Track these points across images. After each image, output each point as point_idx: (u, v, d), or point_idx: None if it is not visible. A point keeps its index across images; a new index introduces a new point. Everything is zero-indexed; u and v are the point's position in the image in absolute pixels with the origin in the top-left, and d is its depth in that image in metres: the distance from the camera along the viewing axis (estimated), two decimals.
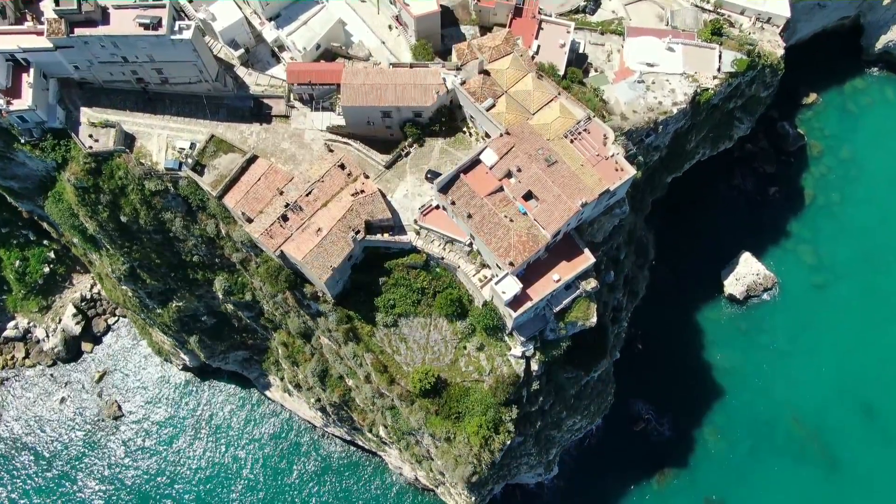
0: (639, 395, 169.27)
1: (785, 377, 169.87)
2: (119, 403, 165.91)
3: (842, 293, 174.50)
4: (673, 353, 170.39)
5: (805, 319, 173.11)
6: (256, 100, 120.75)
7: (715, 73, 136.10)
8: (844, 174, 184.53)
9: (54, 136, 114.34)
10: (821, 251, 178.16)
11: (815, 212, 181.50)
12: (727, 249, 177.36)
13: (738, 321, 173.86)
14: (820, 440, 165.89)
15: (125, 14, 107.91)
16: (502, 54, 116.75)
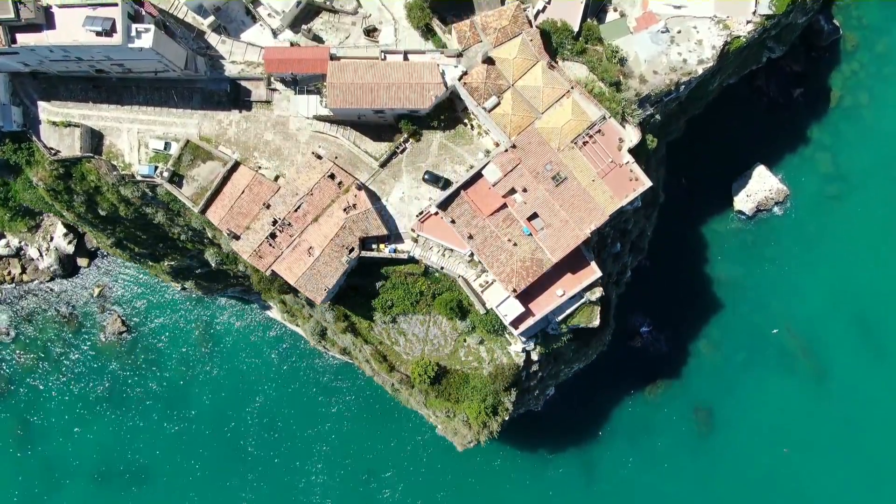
0: (639, 310, 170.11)
1: (785, 290, 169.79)
2: (122, 318, 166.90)
3: (854, 205, 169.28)
4: (677, 268, 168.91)
5: (813, 232, 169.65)
6: (233, 82, 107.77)
7: (750, 16, 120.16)
8: (877, 71, 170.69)
9: (13, 140, 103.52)
10: (839, 159, 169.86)
11: (839, 115, 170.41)
12: (742, 158, 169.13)
13: (745, 234, 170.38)
14: (812, 353, 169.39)
15: (72, 15, 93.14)
16: (509, 37, 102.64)
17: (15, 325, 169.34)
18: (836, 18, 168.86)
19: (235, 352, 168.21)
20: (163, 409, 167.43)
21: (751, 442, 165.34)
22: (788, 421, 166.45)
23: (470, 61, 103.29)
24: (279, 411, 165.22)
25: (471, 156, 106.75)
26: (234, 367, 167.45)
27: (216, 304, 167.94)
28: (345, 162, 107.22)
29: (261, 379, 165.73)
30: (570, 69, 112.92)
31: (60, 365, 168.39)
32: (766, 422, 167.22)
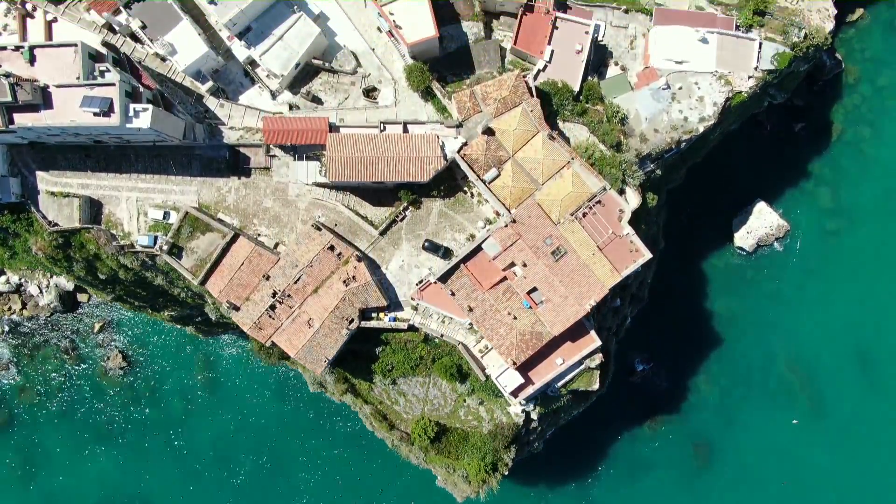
0: (638, 346, 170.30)
1: (785, 326, 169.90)
2: (122, 352, 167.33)
3: (854, 240, 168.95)
4: (677, 303, 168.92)
5: (813, 267, 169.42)
6: (232, 148, 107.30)
7: (751, 71, 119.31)
8: (880, 105, 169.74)
9: (12, 211, 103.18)
10: (840, 194, 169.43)
11: (840, 149, 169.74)
12: (742, 193, 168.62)
13: (744, 269, 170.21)
14: (811, 388, 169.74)
15: (70, 94, 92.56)
16: (510, 107, 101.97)
17: (16, 359, 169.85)
18: (839, 52, 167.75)
19: (236, 386, 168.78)
20: (163, 442, 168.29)
21: (749, 477, 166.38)
22: (787, 456, 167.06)
23: (470, 132, 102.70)
24: (279, 447, 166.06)
25: (471, 224, 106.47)
26: (235, 401, 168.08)
27: (217, 338, 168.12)
28: (344, 229, 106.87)
29: (261, 414, 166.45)
30: (570, 131, 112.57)
31: (61, 399, 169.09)
32: (765, 457, 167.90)
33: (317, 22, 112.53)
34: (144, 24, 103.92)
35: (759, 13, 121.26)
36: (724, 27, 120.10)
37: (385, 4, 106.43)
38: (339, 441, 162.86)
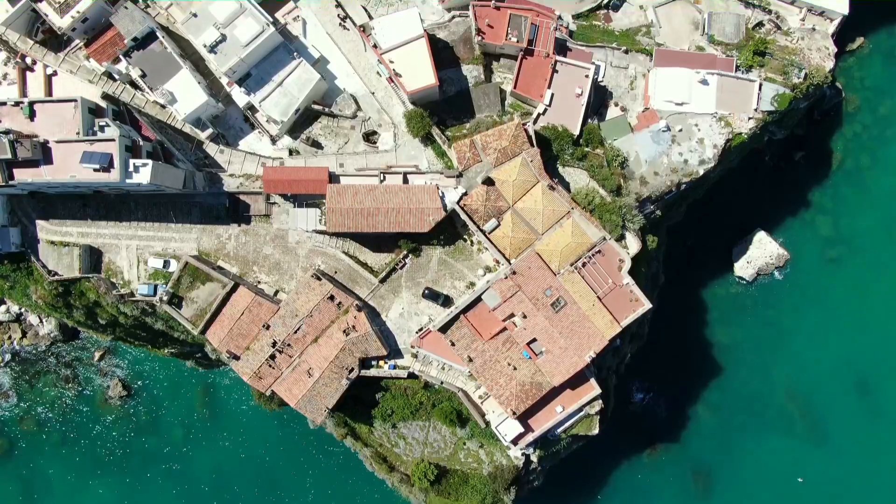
0: (637, 375, 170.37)
1: (785, 354, 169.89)
2: (122, 381, 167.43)
3: (854, 268, 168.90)
4: (676, 331, 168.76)
5: (813, 296, 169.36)
6: (232, 196, 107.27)
7: (752, 113, 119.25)
8: (880, 134, 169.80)
9: (12, 260, 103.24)
10: (840, 222, 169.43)
11: (840, 178, 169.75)
12: (742, 222, 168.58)
13: (745, 298, 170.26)
14: (811, 416, 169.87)
15: (69, 149, 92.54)
16: (510, 157, 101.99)
17: (16, 387, 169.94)
18: (839, 81, 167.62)
19: (236, 415, 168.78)
20: (164, 471, 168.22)
21: None
22: (787, 484, 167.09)
23: (470, 182, 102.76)
24: (278, 477, 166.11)
25: (470, 272, 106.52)
26: (235, 430, 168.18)
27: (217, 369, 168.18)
28: (344, 277, 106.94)
29: (261, 443, 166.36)
30: (570, 175, 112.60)
31: (62, 427, 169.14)
32: (765, 485, 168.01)
33: (316, 65, 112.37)
34: (144, 72, 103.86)
35: (760, 53, 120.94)
36: (724, 68, 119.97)
37: (385, 52, 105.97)
38: (339, 473, 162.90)
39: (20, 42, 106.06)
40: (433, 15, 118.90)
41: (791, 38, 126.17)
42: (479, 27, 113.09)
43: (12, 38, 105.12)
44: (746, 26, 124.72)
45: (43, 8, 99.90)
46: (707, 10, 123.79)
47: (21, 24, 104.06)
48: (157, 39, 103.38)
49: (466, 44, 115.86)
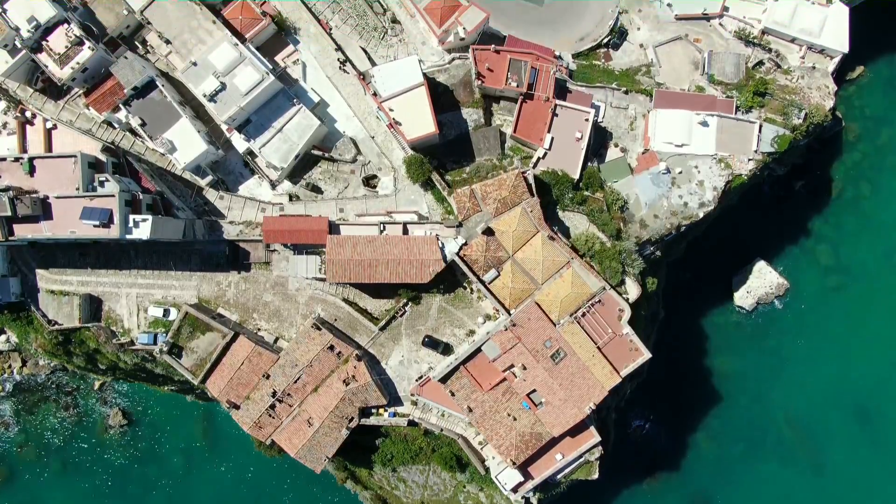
0: (637, 402, 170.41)
1: (785, 382, 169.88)
2: (123, 410, 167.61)
3: (855, 297, 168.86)
4: (677, 360, 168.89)
5: (813, 325, 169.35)
6: (232, 243, 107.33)
7: (752, 154, 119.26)
8: (880, 163, 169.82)
9: (11, 310, 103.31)
10: (840, 251, 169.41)
11: (840, 207, 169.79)
12: (742, 251, 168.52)
13: (744, 327, 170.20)
14: (811, 444, 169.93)
15: (69, 205, 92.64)
16: (509, 207, 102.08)
17: (17, 416, 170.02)
18: (839, 109, 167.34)
19: (236, 443, 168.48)
20: (164, 500, 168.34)
21: None
22: None
23: (470, 232, 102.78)
24: None
25: (470, 319, 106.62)
26: (235, 458, 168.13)
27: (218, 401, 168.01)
28: (344, 324, 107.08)
29: (262, 475, 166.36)
30: (570, 220, 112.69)
31: (62, 456, 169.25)
32: None
33: (316, 109, 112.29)
34: (144, 121, 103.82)
35: (760, 94, 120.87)
36: (723, 110, 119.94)
37: (385, 101, 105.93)
38: None
39: (19, 90, 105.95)
40: (433, 56, 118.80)
41: (791, 77, 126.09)
42: (478, 71, 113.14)
43: (12, 86, 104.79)
44: (746, 65, 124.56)
45: (42, 59, 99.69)
46: (707, 49, 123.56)
47: (21, 74, 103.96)
48: (156, 88, 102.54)
49: (466, 87, 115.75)
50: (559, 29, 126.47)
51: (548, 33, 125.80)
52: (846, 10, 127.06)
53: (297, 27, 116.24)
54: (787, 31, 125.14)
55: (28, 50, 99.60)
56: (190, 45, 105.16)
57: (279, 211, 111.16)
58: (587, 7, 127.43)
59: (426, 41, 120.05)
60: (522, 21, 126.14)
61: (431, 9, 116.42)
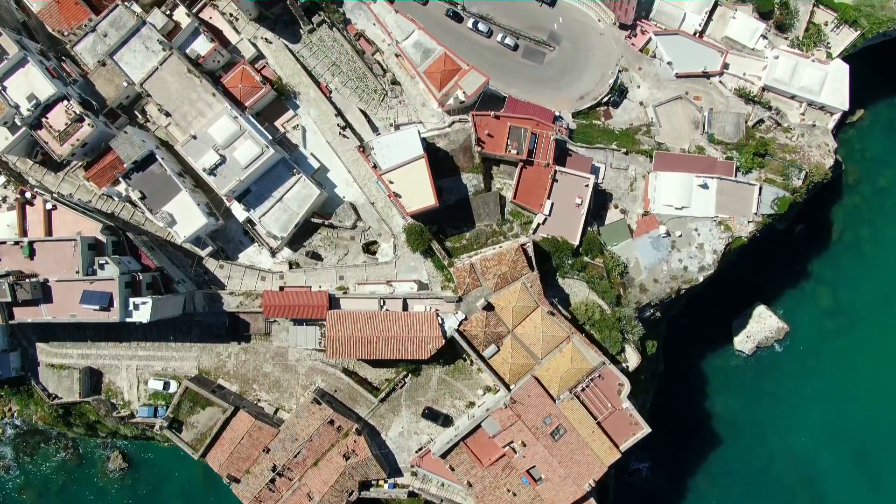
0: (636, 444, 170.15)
1: (785, 424, 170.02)
2: (123, 452, 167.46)
3: (854, 339, 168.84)
4: (677, 403, 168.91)
5: (813, 367, 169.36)
6: (232, 315, 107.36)
7: (751, 216, 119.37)
8: (879, 206, 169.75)
9: (11, 385, 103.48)
10: (840, 293, 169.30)
11: (840, 249, 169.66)
12: (742, 294, 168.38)
13: (744, 370, 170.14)
14: (810, 487, 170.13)
15: (69, 288, 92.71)
16: (509, 282, 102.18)
17: (17, 460, 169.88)
18: (839, 153, 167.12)
19: None
20: None
21: None
22: None
23: (469, 306, 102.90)
24: None
25: (470, 391, 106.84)
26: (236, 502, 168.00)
27: None
28: (344, 395, 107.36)
29: None
30: (570, 287, 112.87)
31: (62, 499, 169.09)
32: None
33: (316, 174, 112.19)
34: (144, 194, 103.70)
35: (760, 155, 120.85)
36: (723, 172, 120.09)
37: (384, 173, 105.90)
38: None
39: (19, 163, 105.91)
40: (433, 118, 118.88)
41: (791, 136, 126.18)
42: (479, 137, 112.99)
43: (11, 158, 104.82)
44: (746, 124, 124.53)
45: (42, 135, 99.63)
46: (707, 107, 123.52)
47: (21, 147, 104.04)
48: (156, 161, 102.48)
49: (466, 153, 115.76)
50: (559, 87, 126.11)
51: (548, 92, 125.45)
52: (846, 68, 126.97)
53: (297, 91, 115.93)
54: (788, 88, 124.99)
55: (28, 127, 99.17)
56: (189, 118, 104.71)
57: (279, 279, 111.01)
58: (587, 66, 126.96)
59: (426, 103, 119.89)
60: (523, 79, 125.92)
61: (431, 72, 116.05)
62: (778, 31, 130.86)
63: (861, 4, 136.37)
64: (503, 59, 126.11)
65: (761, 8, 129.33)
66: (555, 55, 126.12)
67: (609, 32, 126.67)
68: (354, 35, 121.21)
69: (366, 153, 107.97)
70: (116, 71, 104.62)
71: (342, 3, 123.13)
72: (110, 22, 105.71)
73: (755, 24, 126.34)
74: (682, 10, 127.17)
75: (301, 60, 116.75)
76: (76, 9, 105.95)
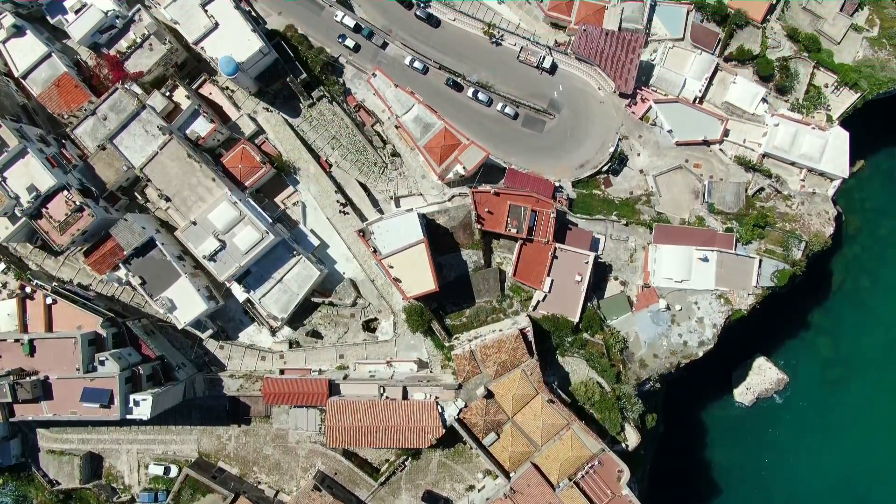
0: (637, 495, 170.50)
1: (785, 474, 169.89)
2: None
3: (854, 389, 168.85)
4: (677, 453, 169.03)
5: (812, 417, 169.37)
6: (232, 398, 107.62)
7: (751, 289, 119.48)
8: (879, 255, 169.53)
9: (11, 471, 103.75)
10: (840, 343, 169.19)
11: (840, 299, 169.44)
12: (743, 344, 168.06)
13: (743, 420, 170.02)
14: None
15: (70, 386, 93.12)
16: (508, 369, 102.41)
17: None
18: (839, 203, 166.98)
19: None
20: None
21: None
22: None
23: (469, 394, 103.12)
24: None
25: (470, 474, 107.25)
26: None
27: None
28: (344, 478, 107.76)
29: None
30: (570, 365, 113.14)
31: None
32: None
33: (316, 251, 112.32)
34: (144, 279, 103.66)
35: (760, 226, 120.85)
36: (723, 245, 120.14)
37: (384, 258, 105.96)
38: None
39: (20, 247, 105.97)
40: (433, 190, 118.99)
41: (791, 203, 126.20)
42: (478, 214, 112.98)
43: (12, 243, 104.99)
44: (746, 193, 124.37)
45: (43, 225, 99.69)
46: (707, 174, 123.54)
47: (21, 234, 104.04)
48: (156, 247, 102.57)
49: (466, 229, 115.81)
50: (560, 155, 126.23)
51: (548, 160, 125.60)
52: (846, 135, 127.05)
53: (297, 167, 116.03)
54: (788, 156, 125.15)
55: (28, 218, 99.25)
56: (189, 203, 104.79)
57: (279, 358, 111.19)
58: (588, 133, 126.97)
59: (426, 175, 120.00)
60: (523, 148, 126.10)
61: (431, 147, 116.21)
62: (778, 93, 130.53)
63: (861, 65, 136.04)
64: (503, 128, 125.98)
65: (762, 71, 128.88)
66: (555, 123, 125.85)
67: (609, 100, 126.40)
68: (354, 106, 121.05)
69: (366, 237, 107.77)
70: (116, 155, 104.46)
71: (342, 73, 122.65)
72: (110, 105, 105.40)
73: (755, 88, 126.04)
74: (682, 77, 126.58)
75: (301, 135, 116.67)
76: (76, 92, 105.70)
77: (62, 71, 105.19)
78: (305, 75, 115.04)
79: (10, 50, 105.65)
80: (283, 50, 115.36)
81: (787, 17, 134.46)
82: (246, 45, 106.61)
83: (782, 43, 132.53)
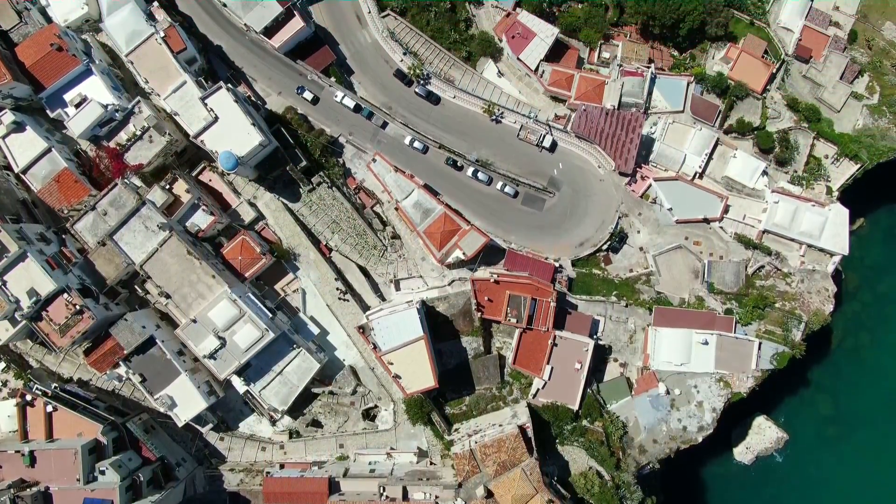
0: None
1: None
2: None
3: (854, 447, 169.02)
4: None
5: (812, 475, 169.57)
6: (233, 493, 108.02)
7: (751, 372, 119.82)
8: (879, 312, 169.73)
9: None
10: (840, 400, 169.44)
11: (840, 356, 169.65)
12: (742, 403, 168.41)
13: (743, 479, 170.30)
14: None
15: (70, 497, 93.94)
16: (508, 468, 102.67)
17: None
18: None
19: None
20: None
21: None
22: None
23: (469, 493, 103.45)
24: None
25: None
26: None
27: None
28: None
29: None
30: (569, 454, 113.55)
31: None
32: None
33: (316, 338, 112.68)
34: (144, 377, 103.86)
35: (759, 306, 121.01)
36: (723, 328, 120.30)
37: (384, 354, 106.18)
38: None
39: (20, 343, 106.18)
40: (433, 272, 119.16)
41: (791, 282, 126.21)
42: (478, 302, 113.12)
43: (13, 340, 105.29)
44: (746, 273, 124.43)
45: (43, 328, 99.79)
46: (707, 252, 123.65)
47: (22, 333, 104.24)
48: (156, 344, 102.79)
49: (466, 316, 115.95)
50: (559, 234, 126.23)
51: (548, 238, 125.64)
52: (846, 212, 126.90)
53: (297, 253, 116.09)
54: (787, 233, 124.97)
55: (28, 321, 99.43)
56: (189, 300, 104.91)
57: (279, 449, 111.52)
58: (587, 211, 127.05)
59: (426, 257, 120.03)
60: (523, 226, 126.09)
61: (431, 232, 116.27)
62: (778, 165, 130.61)
63: (861, 135, 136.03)
64: (503, 206, 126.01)
65: (762, 143, 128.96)
66: (555, 201, 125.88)
67: (609, 178, 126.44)
68: (354, 188, 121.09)
69: (365, 334, 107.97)
70: (116, 251, 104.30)
71: (342, 153, 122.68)
72: (110, 201, 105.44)
73: (755, 163, 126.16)
74: (682, 152, 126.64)
75: (301, 220, 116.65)
76: (76, 187, 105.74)
77: (62, 167, 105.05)
78: (305, 162, 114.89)
79: (10, 145, 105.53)
80: (283, 136, 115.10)
81: (787, 85, 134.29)
82: (246, 140, 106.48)
83: (782, 113, 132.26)
